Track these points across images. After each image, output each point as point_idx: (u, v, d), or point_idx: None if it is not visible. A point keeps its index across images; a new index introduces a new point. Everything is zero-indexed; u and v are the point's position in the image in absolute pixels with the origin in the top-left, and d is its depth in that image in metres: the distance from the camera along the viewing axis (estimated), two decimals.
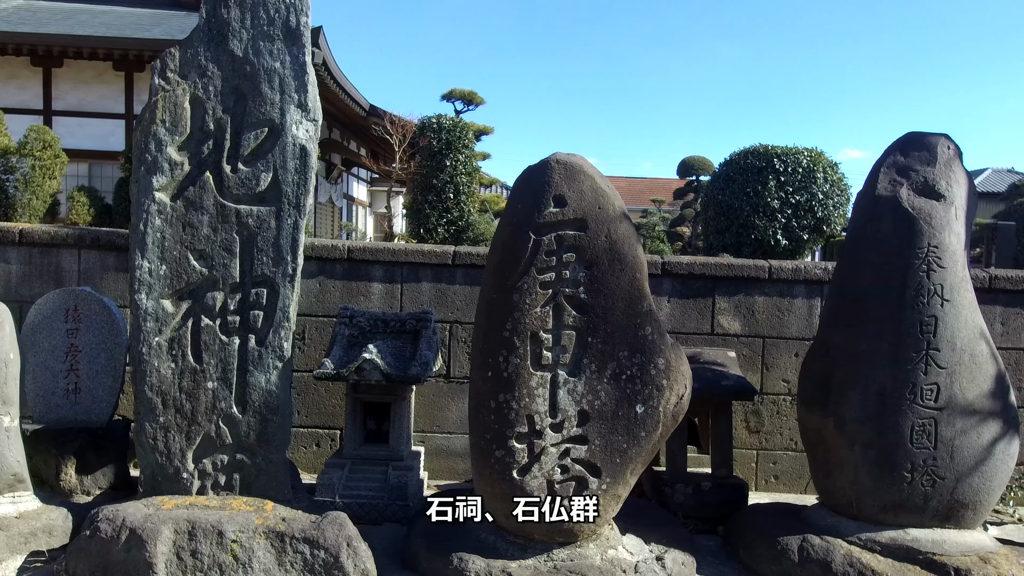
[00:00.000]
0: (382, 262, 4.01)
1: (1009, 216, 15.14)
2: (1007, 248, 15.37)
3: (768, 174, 6.74)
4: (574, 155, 2.80)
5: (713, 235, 7.04)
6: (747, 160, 6.97)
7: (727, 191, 6.97)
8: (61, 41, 10.40)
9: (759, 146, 7.24)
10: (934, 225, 2.81)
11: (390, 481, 3.38)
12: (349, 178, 19.48)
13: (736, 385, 3.48)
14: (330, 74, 13.45)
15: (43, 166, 4.94)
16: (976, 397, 2.79)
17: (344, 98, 14.94)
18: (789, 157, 6.70)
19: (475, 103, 19.09)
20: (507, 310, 2.72)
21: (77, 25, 11.13)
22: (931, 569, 2.73)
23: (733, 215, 6.93)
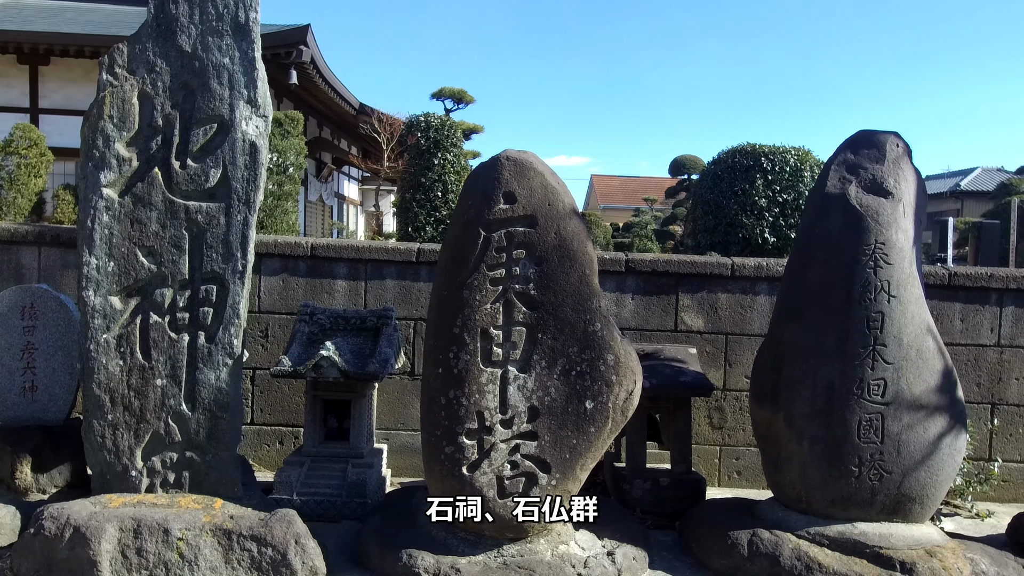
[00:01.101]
0: (346, 259, 4.01)
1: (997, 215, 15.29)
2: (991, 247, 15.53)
3: (756, 173, 6.78)
4: (524, 152, 2.81)
5: (701, 234, 7.08)
6: (735, 159, 7.02)
7: (715, 190, 7.01)
8: (48, 39, 10.32)
9: (747, 145, 7.29)
10: (881, 222, 2.84)
11: (349, 478, 3.38)
12: (340, 177, 19.44)
13: (694, 381, 3.50)
14: (319, 73, 13.41)
15: (29, 164, 4.90)
16: (923, 392, 2.82)
17: (333, 96, 14.92)
18: (776, 156, 6.75)
19: (465, 101, 19.11)
20: (457, 307, 2.73)
21: (64, 23, 11.04)
22: (877, 563, 2.75)
23: (721, 214, 6.97)
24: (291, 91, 13.76)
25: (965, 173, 29.02)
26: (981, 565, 2.76)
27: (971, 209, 24.17)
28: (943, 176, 30.80)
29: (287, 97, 14.61)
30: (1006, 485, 4.02)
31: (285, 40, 12.14)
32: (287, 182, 10.98)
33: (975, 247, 15.61)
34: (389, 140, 14.31)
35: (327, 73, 13.78)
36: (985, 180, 26.36)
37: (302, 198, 15.47)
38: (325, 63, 13.60)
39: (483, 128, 17.63)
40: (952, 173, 30.42)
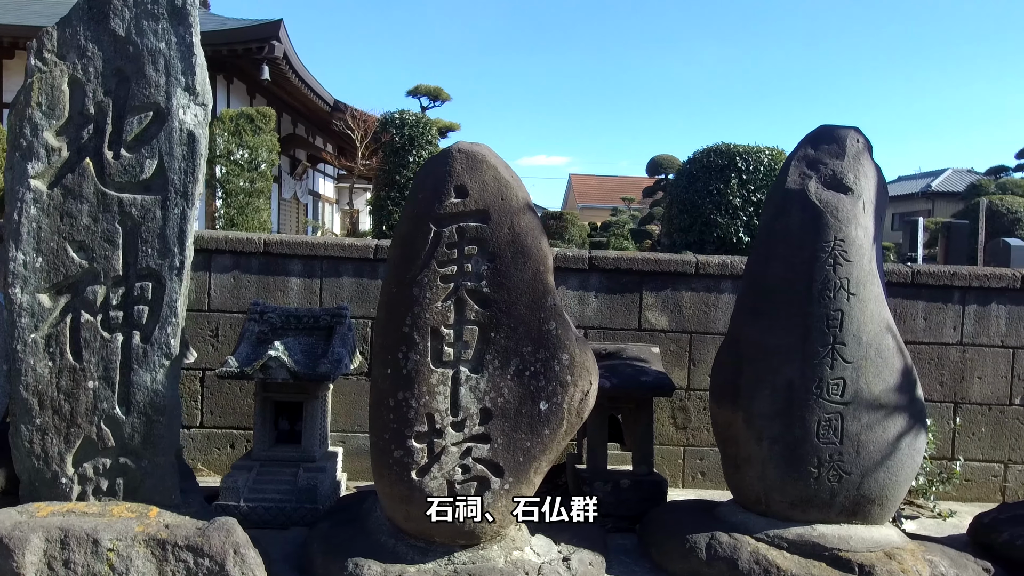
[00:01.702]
0: (300, 256, 3.87)
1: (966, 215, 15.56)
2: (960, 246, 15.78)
3: (730, 172, 6.78)
4: (477, 144, 2.72)
5: (677, 233, 7.07)
6: (710, 159, 7.01)
7: (691, 189, 7.00)
8: (12, 32, 9.99)
9: (722, 145, 7.30)
10: (841, 219, 2.79)
11: (299, 483, 3.26)
12: (315, 174, 19.17)
13: (655, 382, 3.43)
14: (291, 68, 13.20)
15: None
16: (882, 391, 2.78)
17: (307, 92, 14.70)
18: (751, 156, 6.76)
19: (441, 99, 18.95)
20: (407, 305, 2.62)
21: (30, 15, 10.70)
22: (836, 565, 2.71)
23: (696, 213, 6.95)
24: (264, 87, 13.54)
25: (936, 174, 29.59)
26: (940, 567, 2.73)
27: (942, 209, 24.62)
28: (915, 177, 31.38)
29: (260, 93, 14.39)
30: (969, 484, 4.02)
31: (257, 35, 11.93)
32: (259, 179, 10.76)
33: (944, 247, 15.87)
34: (363, 137, 14.12)
35: (300, 69, 13.57)
36: (956, 181, 26.87)
37: (275, 196, 15.22)
38: (298, 59, 13.40)
39: (459, 126, 17.51)
40: (924, 174, 30.99)
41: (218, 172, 9.72)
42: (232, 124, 10.15)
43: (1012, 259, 11.62)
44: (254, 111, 10.63)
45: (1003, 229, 15.93)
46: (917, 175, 31.22)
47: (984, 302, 3.94)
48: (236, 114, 10.24)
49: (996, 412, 4.01)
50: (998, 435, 4.01)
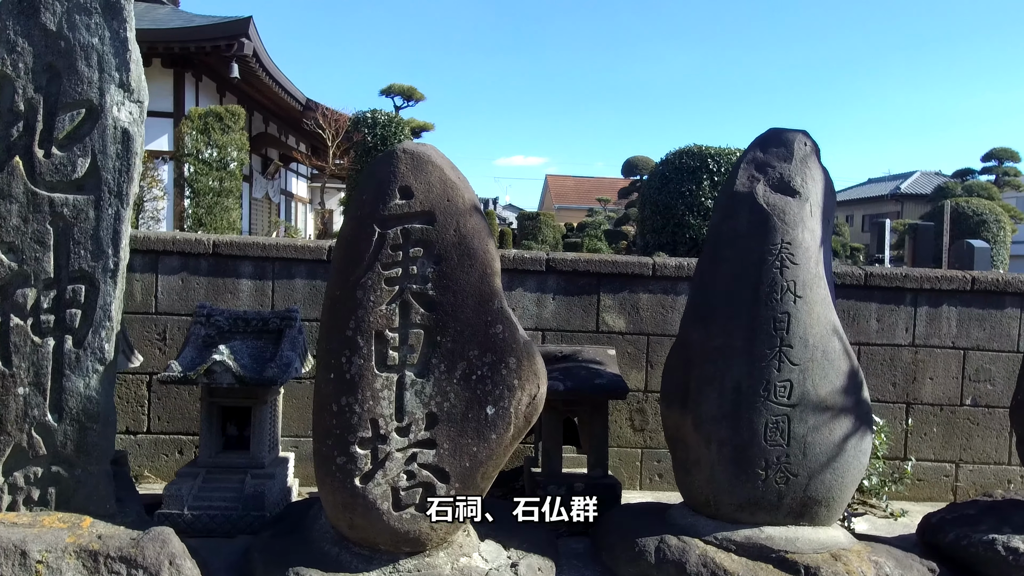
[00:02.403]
0: (251, 257, 3.79)
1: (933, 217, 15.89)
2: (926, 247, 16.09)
3: (702, 174, 6.82)
4: (423, 144, 2.68)
5: (650, 234, 7.10)
6: (682, 160, 7.05)
7: (663, 190, 7.03)
8: None
9: (694, 146, 7.33)
10: (788, 222, 2.80)
11: (246, 490, 3.18)
12: (288, 174, 18.93)
13: (609, 384, 3.42)
14: (262, 66, 13.02)
15: None
16: (828, 393, 2.79)
17: (278, 91, 14.51)
18: (722, 157, 6.81)
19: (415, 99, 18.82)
20: (351, 308, 2.57)
21: None
22: (783, 567, 2.71)
23: (669, 214, 6.98)
24: (234, 85, 13.34)
25: (905, 176, 30.20)
26: (886, 568, 2.75)
27: (911, 211, 25.13)
28: (884, 179, 31.98)
29: (230, 91, 14.17)
30: (921, 484, 4.08)
31: (226, 32, 11.75)
32: (228, 178, 10.56)
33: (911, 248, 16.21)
34: (334, 136, 13.97)
35: (271, 67, 13.39)
36: (924, 183, 27.44)
37: (246, 195, 15.00)
38: (269, 57, 13.22)
39: (434, 126, 17.43)
40: (893, 176, 31.62)
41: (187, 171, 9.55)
42: (200, 122, 9.96)
43: (975, 260, 11.89)
44: (223, 109, 10.45)
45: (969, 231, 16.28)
46: (887, 177, 31.85)
47: (935, 304, 4.00)
48: (204, 112, 10.06)
49: (947, 412, 4.07)
50: (949, 435, 4.07)
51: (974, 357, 4.03)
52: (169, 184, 11.40)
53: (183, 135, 9.51)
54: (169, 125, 11.86)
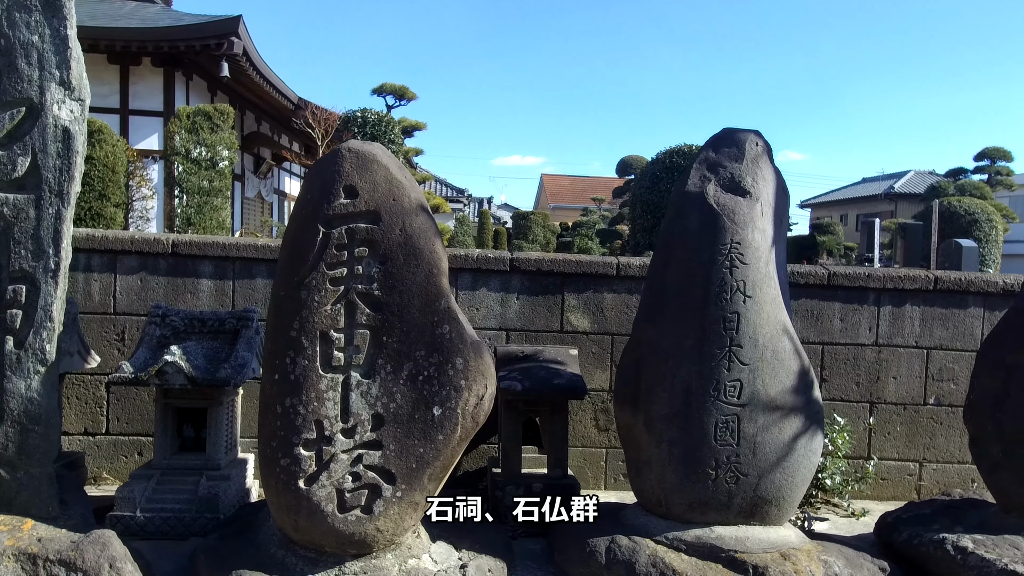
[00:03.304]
0: (211, 257, 3.77)
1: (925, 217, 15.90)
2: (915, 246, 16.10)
3: None
4: (368, 143, 2.66)
5: (641, 233, 7.09)
6: (672, 159, 7.04)
7: (653, 190, 7.02)
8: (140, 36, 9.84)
9: (684, 146, 7.32)
10: (737, 222, 2.79)
11: (200, 492, 3.17)
12: (281, 173, 18.90)
13: (568, 384, 3.40)
14: (252, 65, 12.99)
15: None
16: (778, 393, 2.79)
17: (269, 90, 14.46)
18: None
19: (407, 98, 18.76)
20: (295, 308, 2.55)
21: None
22: (732, 567, 2.70)
23: (659, 213, 6.98)
24: (225, 84, 13.31)
25: (899, 176, 30.23)
26: (835, 567, 2.74)
27: (904, 211, 25.15)
28: (878, 179, 32.01)
29: (221, 90, 14.13)
30: (884, 483, 4.07)
31: (215, 31, 11.71)
32: (217, 178, 10.52)
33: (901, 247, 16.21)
34: (324, 135, 13.94)
35: (261, 66, 13.36)
36: (917, 183, 27.48)
37: (239, 195, 14.96)
38: (260, 56, 13.18)
39: (426, 125, 17.37)
40: (886, 176, 31.65)
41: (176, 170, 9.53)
42: (189, 121, 9.93)
43: (964, 259, 11.89)
44: (212, 108, 10.41)
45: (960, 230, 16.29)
46: (880, 177, 31.87)
47: (899, 303, 3.99)
48: (193, 111, 10.03)
49: (911, 412, 4.06)
50: (913, 434, 4.07)
51: (937, 356, 4.02)
52: (159, 183, 11.37)
53: (172, 134, 9.50)
54: (159, 124, 11.84)
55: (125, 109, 12.40)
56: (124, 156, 8.86)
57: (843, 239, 21.75)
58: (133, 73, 12.23)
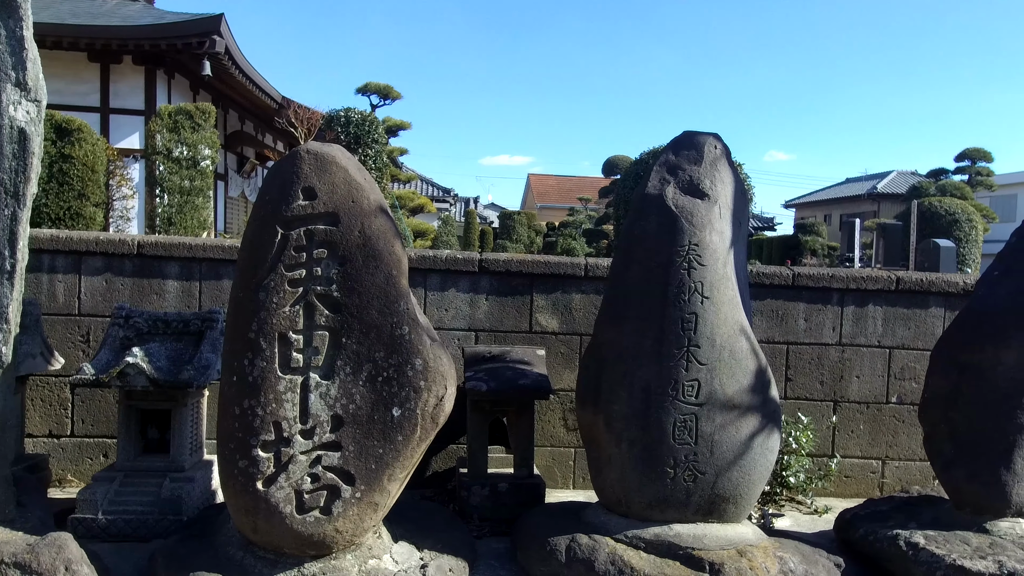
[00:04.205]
0: (177, 258, 3.76)
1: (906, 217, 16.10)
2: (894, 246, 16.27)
3: None
4: (327, 144, 2.67)
5: None
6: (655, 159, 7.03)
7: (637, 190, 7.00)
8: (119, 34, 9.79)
9: None
10: (695, 224, 2.83)
11: (163, 494, 3.16)
12: (264, 172, 18.81)
13: (534, 384, 3.43)
14: (235, 64, 12.92)
15: None
16: (736, 392, 2.83)
17: (252, 89, 14.38)
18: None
19: (392, 97, 18.70)
20: (253, 310, 2.56)
21: None
22: (689, 564, 2.74)
23: None
24: (207, 83, 13.22)
25: (882, 176, 30.55)
26: (790, 564, 2.78)
27: (887, 211, 25.44)
28: (861, 179, 32.35)
29: (203, 89, 14.04)
30: (848, 481, 4.14)
31: (197, 30, 11.65)
32: (198, 177, 10.46)
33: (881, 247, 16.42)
34: (307, 135, 13.88)
35: (244, 65, 13.29)
36: (900, 183, 27.78)
37: (221, 194, 14.86)
38: (243, 55, 13.12)
39: (410, 124, 17.36)
40: (870, 176, 31.98)
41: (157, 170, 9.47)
42: (170, 120, 9.87)
43: (941, 259, 12.05)
44: (193, 107, 10.35)
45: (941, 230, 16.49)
46: (864, 177, 32.21)
47: (861, 303, 4.05)
48: (174, 110, 9.96)
49: (874, 410, 4.13)
50: (876, 432, 4.13)
51: (899, 356, 4.09)
52: (140, 183, 11.29)
53: (153, 133, 9.44)
54: (140, 123, 11.76)
55: (106, 108, 12.31)
56: (104, 155, 8.80)
57: (827, 239, 21.98)
58: (114, 71, 12.14)
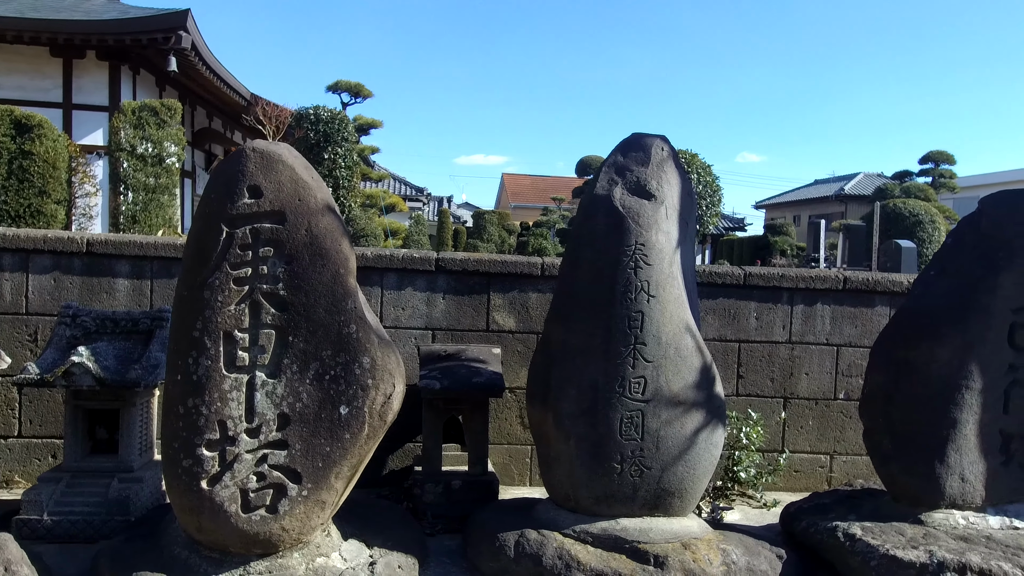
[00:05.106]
0: (128, 256, 3.71)
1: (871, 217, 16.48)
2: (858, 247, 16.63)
3: None
4: (274, 143, 2.67)
5: None
6: None
7: None
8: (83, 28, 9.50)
9: None
10: (642, 224, 2.88)
11: (111, 495, 3.12)
12: None
13: (487, 382, 3.46)
14: (202, 59, 12.74)
15: None
16: (681, 389, 2.89)
17: (220, 85, 14.20)
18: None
19: (363, 95, 18.55)
20: (198, 308, 2.54)
21: None
22: (635, 557, 2.80)
23: None
24: (174, 79, 13.02)
25: (849, 178, 31.22)
26: (732, 556, 2.85)
27: (854, 212, 26.01)
28: (829, 181, 33.03)
29: (170, 85, 13.83)
30: (797, 475, 4.24)
31: (162, 25, 11.47)
32: (164, 174, 10.29)
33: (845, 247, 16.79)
34: (275, 132, 13.72)
35: (212, 61, 13.11)
36: (866, 184, 28.42)
37: (189, 192, 14.63)
38: (210, 51, 12.95)
39: (382, 123, 17.26)
40: (837, 178, 32.66)
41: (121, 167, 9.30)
42: (134, 116, 9.70)
43: (903, 259, 12.37)
44: (158, 103, 10.19)
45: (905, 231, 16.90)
46: (831, 179, 32.90)
47: (810, 302, 4.16)
48: (138, 106, 9.80)
49: (822, 406, 4.24)
50: (824, 428, 4.25)
51: (847, 353, 4.21)
52: (104, 180, 11.08)
53: (117, 129, 9.27)
54: (105, 119, 11.55)
55: (68, 104, 12.06)
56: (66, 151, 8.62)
57: (795, 239, 22.38)
58: (77, 67, 11.90)
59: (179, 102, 10.17)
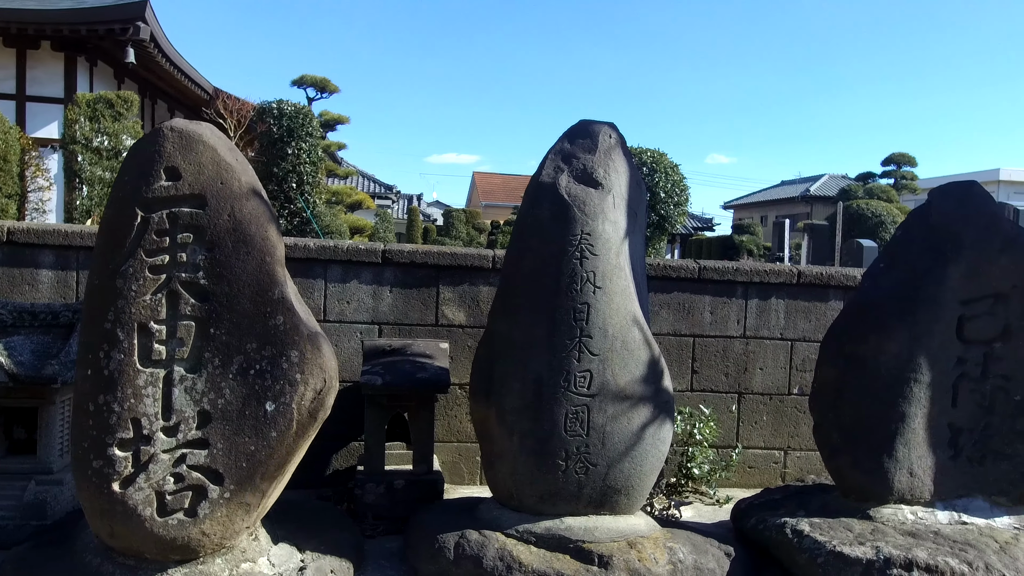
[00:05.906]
0: (52, 246, 3.50)
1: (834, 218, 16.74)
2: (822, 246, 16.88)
3: None
4: (194, 122, 2.51)
5: None
6: None
7: None
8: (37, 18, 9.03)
9: None
10: (588, 213, 2.79)
11: (27, 498, 2.92)
12: None
13: (432, 377, 3.34)
14: (161, 51, 12.40)
15: None
16: (628, 383, 2.80)
17: (180, 78, 13.84)
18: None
19: (329, 91, 18.20)
20: (110, 298, 2.37)
21: None
22: (579, 557, 2.70)
23: None
24: (133, 71, 12.64)
25: (814, 179, 31.79)
26: (679, 554, 2.78)
27: (819, 212, 26.46)
28: (795, 182, 33.61)
29: (129, 77, 13.44)
30: (752, 471, 4.20)
31: (120, 15, 11.13)
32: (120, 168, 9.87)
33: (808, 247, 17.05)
34: (237, 126, 13.38)
35: (172, 53, 12.76)
36: (831, 185, 28.96)
37: None
38: (170, 43, 12.60)
39: (349, 119, 17.00)
40: (803, 179, 33.24)
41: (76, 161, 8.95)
42: (89, 109, 9.35)
43: (864, 258, 12.57)
44: (114, 95, 9.85)
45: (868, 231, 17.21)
46: (797, 180, 33.46)
47: (764, 297, 4.12)
48: (93, 98, 9.45)
49: (776, 401, 4.21)
50: (778, 423, 4.21)
51: (801, 348, 4.18)
52: (59, 174, 10.67)
53: (72, 122, 8.92)
54: (60, 112, 11.18)
55: (22, 95, 11.64)
56: (18, 144, 8.27)
57: (762, 239, 22.68)
58: (31, 57, 11.49)
59: (137, 94, 9.85)
